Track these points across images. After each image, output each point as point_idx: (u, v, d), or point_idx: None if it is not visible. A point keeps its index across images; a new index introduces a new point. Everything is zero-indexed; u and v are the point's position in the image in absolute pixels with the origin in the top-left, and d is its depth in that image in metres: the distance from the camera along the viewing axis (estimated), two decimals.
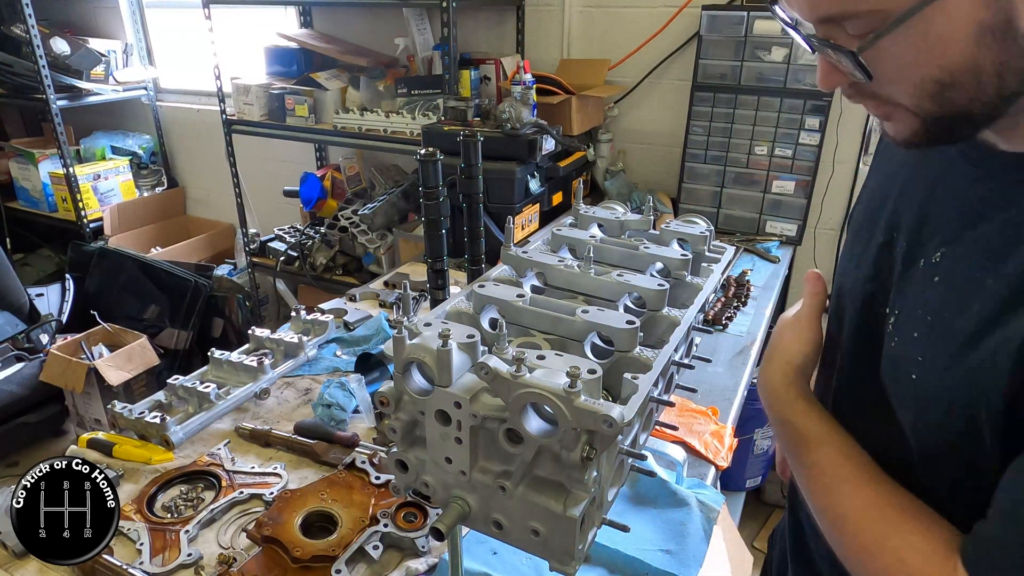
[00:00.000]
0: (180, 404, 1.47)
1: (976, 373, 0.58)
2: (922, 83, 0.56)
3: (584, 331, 0.79)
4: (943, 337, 0.62)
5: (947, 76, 0.55)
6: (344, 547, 1.07)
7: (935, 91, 0.56)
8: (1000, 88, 0.55)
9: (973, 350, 0.58)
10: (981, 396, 0.57)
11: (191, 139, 4.13)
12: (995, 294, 0.57)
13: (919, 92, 0.57)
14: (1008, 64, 0.53)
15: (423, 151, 1.09)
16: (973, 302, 0.59)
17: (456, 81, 2.63)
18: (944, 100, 0.56)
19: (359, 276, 3.01)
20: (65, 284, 3.44)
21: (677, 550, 1.10)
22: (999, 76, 0.54)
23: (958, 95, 0.55)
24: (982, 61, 0.53)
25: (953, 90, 0.55)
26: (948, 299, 0.62)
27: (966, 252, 0.62)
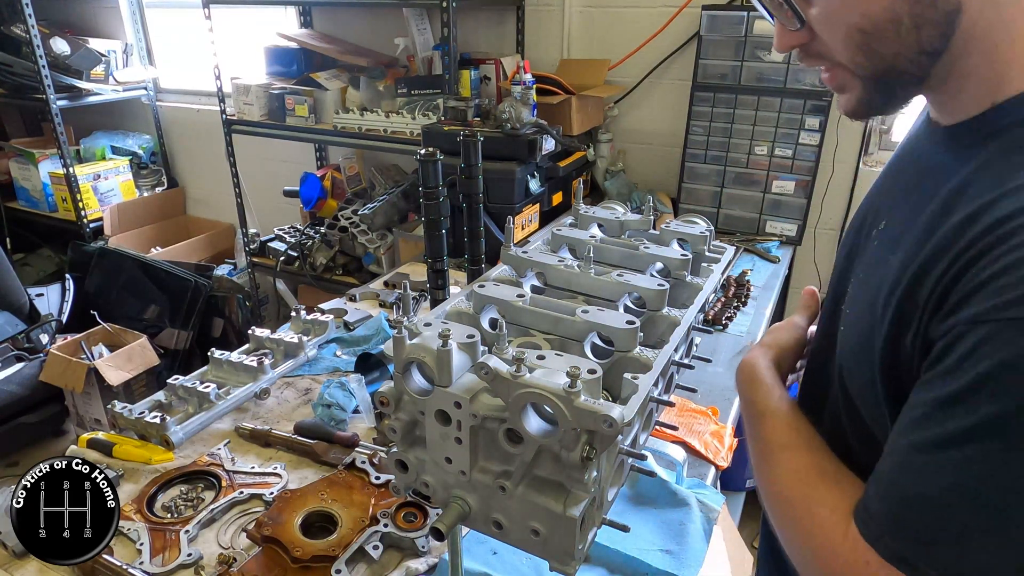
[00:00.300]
0: (180, 404, 1.47)
1: (872, 328, 0.64)
2: (849, 33, 0.61)
3: (584, 331, 0.79)
4: (863, 299, 0.68)
5: (869, 24, 0.60)
6: (344, 547, 1.07)
7: (862, 41, 0.61)
8: (920, 41, 0.59)
9: (878, 307, 0.64)
10: (874, 353, 0.63)
11: (191, 139, 4.13)
12: (904, 250, 0.62)
13: (848, 44, 0.62)
14: (923, 16, 0.58)
15: (423, 151, 1.09)
16: (890, 258, 0.64)
17: (456, 81, 2.63)
18: (871, 52, 0.61)
19: (359, 276, 3.01)
20: (65, 284, 3.44)
21: (677, 550, 1.10)
22: (917, 28, 0.58)
23: (883, 46, 0.60)
24: (899, 11, 0.58)
25: (877, 40, 0.60)
26: (876, 261, 0.68)
27: (899, 218, 0.68)
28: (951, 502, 0.52)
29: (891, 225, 0.70)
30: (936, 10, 0.58)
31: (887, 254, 0.66)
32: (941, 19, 0.58)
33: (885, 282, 0.64)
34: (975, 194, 0.57)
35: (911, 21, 0.58)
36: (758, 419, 0.77)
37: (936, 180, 0.64)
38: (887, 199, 0.75)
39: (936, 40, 0.59)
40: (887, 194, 0.76)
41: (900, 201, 0.71)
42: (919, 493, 0.54)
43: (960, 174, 0.61)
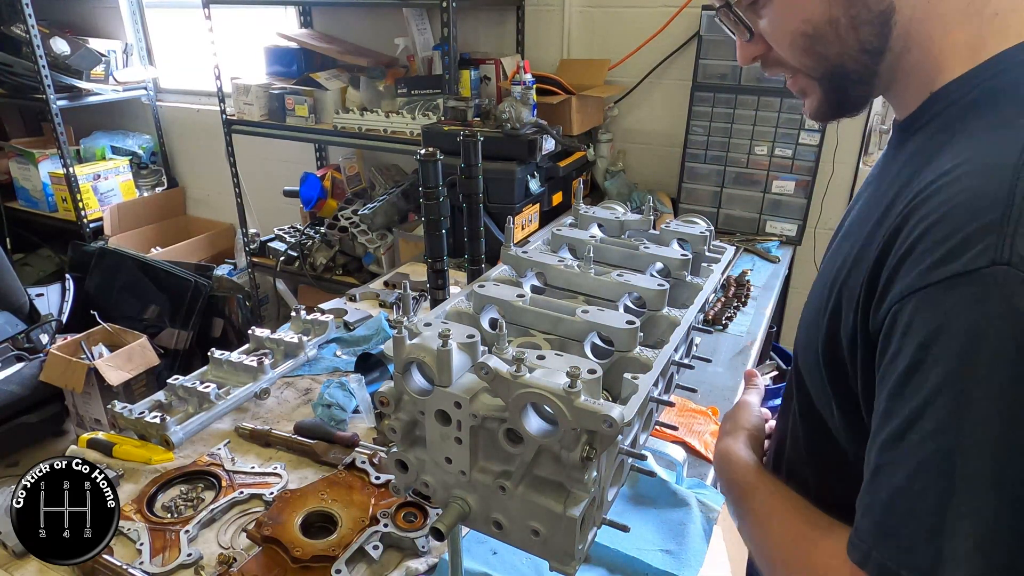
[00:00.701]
0: (180, 404, 1.47)
1: (818, 315, 0.66)
2: (793, 39, 0.65)
3: (584, 331, 0.79)
4: (814, 292, 0.70)
5: (811, 28, 0.63)
6: (344, 547, 1.07)
7: (806, 45, 0.64)
8: (859, 40, 0.62)
9: (823, 297, 0.66)
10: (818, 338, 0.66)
11: (191, 139, 4.13)
12: (850, 243, 0.64)
13: (795, 49, 0.66)
14: (859, 17, 0.61)
15: (423, 151, 1.09)
16: (837, 254, 0.67)
17: (456, 81, 2.62)
18: (817, 55, 0.65)
19: (359, 276, 3.01)
20: (65, 284, 3.44)
21: (677, 550, 1.10)
22: (854, 28, 0.62)
23: (826, 48, 0.64)
24: (836, 13, 0.62)
25: (820, 43, 0.64)
26: (829, 259, 0.71)
27: (853, 216, 0.71)
28: (922, 485, 0.50)
29: (847, 223, 0.73)
30: (869, 10, 0.61)
31: (837, 251, 0.68)
32: (875, 18, 0.61)
33: (830, 275, 0.66)
34: (904, 179, 0.60)
35: (848, 22, 0.62)
36: (743, 495, 0.77)
37: (883, 175, 0.68)
38: (854, 205, 0.77)
39: (875, 39, 0.62)
40: (855, 203, 0.78)
41: (860, 201, 0.73)
42: (892, 490, 0.52)
43: (899, 163, 0.65)
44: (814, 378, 0.68)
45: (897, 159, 0.66)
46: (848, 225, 0.72)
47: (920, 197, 0.54)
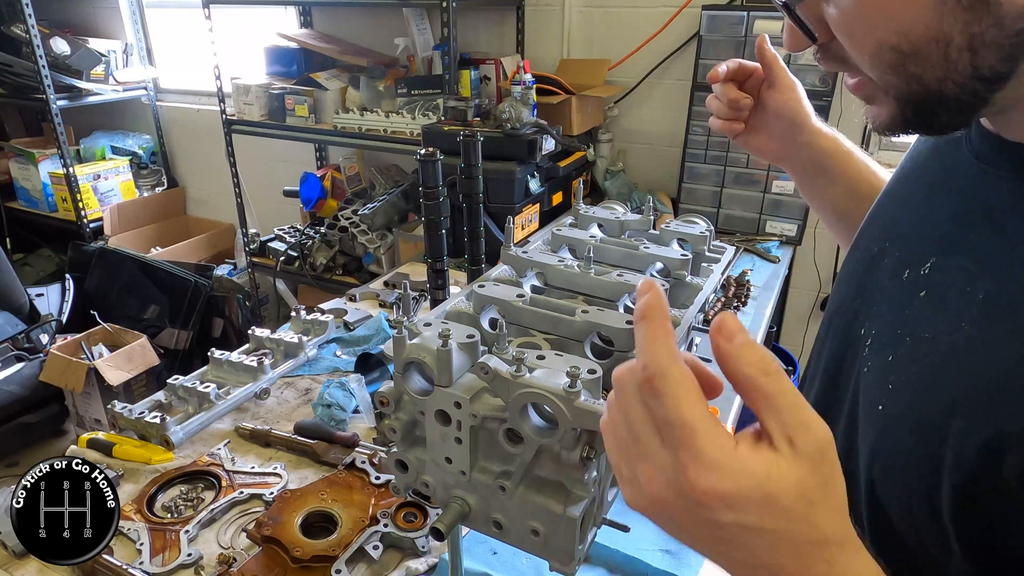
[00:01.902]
0: (180, 404, 1.47)
1: (942, 418, 0.48)
2: (879, 50, 0.49)
3: (584, 331, 0.79)
4: (918, 361, 0.52)
5: (906, 43, 0.47)
6: (344, 547, 1.07)
7: (895, 61, 0.49)
8: (975, 66, 0.46)
9: (959, 396, 0.48)
10: (943, 455, 0.47)
11: (191, 139, 4.13)
12: (984, 311, 0.48)
13: (878, 61, 0.50)
14: (981, 36, 0.45)
15: (423, 151, 1.09)
16: (962, 319, 0.50)
17: (456, 81, 2.62)
18: (908, 74, 0.49)
19: (359, 276, 3.01)
20: (65, 284, 3.44)
21: (677, 550, 1.10)
22: (972, 51, 0.46)
23: (924, 70, 0.48)
24: (948, 30, 0.45)
25: (916, 63, 0.48)
26: (932, 316, 0.53)
27: (959, 262, 0.53)
28: None
29: (950, 272, 0.54)
30: (1002, 30, 0.44)
31: (963, 323, 0.50)
32: (1007, 40, 0.44)
33: (978, 373, 0.47)
34: None
35: (964, 42, 0.45)
36: None
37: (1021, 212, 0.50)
38: (916, 219, 0.61)
39: (999, 64, 0.46)
40: (920, 210, 0.61)
41: (954, 232, 0.55)
42: None
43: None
44: (913, 509, 0.51)
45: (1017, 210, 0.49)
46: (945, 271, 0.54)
47: None
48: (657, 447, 0.39)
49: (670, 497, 0.39)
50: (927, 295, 0.54)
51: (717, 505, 0.37)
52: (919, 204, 0.62)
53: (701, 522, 0.39)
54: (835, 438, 0.53)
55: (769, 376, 0.38)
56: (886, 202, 0.70)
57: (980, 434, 0.45)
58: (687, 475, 0.38)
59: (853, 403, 0.61)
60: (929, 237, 0.58)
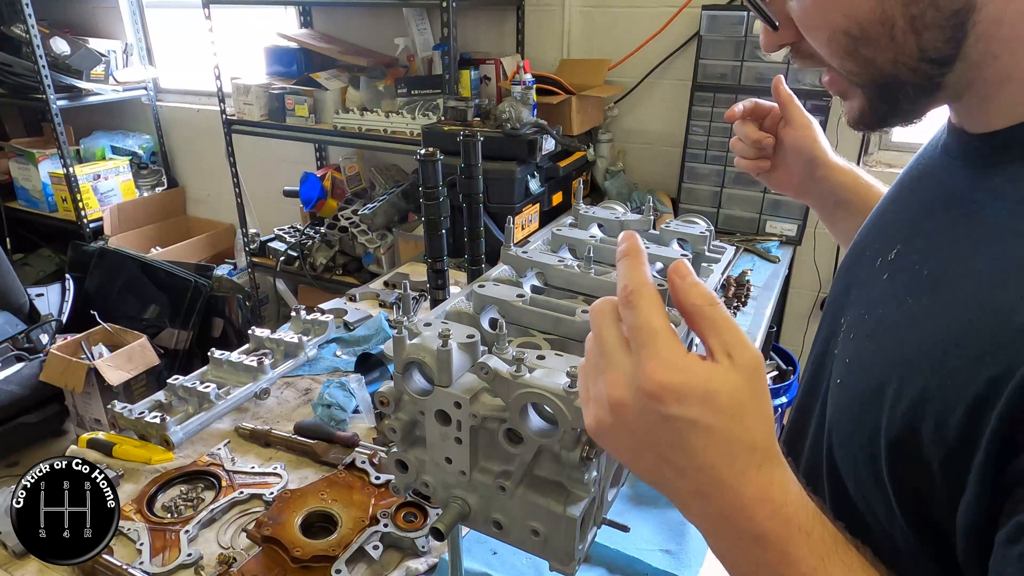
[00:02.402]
0: (180, 404, 1.47)
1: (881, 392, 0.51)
2: (833, 35, 0.52)
3: (584, 331, 0.79)
4: (869, 336, 0.56)
5: (855, 27, 0.50)
6: (344, 547, 1.07)
7: (848, 47, 0.52)
8: (921, 48, 0.49)
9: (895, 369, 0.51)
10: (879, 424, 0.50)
11: (191, 139, 4.13)
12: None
13: (834, 48, 0.53)
14: (922, 18, 0.48)
15: (423, 151, 1.09)
16: (908, 295, 0.53)
17: (456, 81, 2.63)
18: (863, 59, 0.52)
19: (359, 276, 3.01)
20: (65, 284, 3.44)
21: (677, 550, 1.10)
22: (915, 32, 0.49)
23: (875, 53, 0.51)
24: (891, 12, 0.48)
25: (867, 46, 0.51)
26: (888, 295, 0.56)
27: (918, 245, 0.57)
28: None
29: (908, 255, 0.57)
30: (938, 10, 0.47)
31: (908, 297, 0.53)
32: (945, 20, 0.48)
33: (909, 341, 0.50)
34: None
35: (906, 24, 0.49)
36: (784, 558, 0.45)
37: (975, 207, 0.52)
38: (899, 220, 0.63)
39: (942, 45, 0.49)
40: (902, 204, 0.65)
41: (919, 219, 0.59)
42: None
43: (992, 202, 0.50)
44: (860, 474, 0.54)
45: (983, 190, 0.52)
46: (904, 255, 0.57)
47: None
48: (622, 355, 0.46)
49: (628, 397, 0.45)
50: (888, 277, 0.58)
51: (667, 397, 0.43)
52: (899, 200, 0.67)
53: (652, 421, 0.44)
54: (811, 425, 0.64)
55: (713, 307, 0.45)
56: (880, 205, 0.74)
57: (907, 396, 0.48)
58: (645, 370, 0.44)
59: (827, 388, 0.65)
60: (900, 227, 0.62)
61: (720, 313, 0.45)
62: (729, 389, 0.44)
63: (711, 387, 0.43)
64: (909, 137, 2.50)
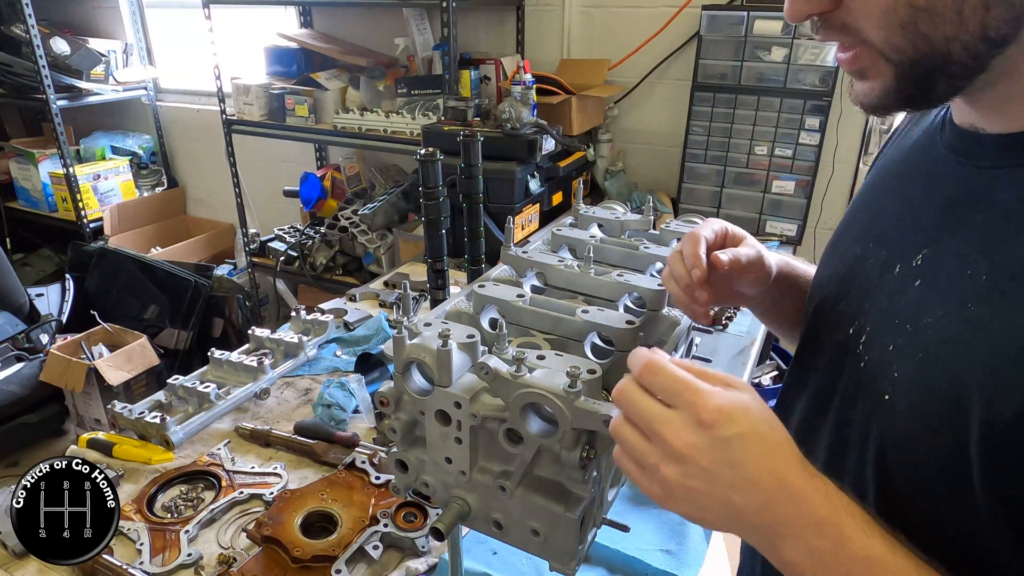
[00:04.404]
0: (180, 404, 1.47)
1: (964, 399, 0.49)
2: (894, 8, 0.48)
3: (584, 331, 0.79)
4: (925, 345, 0.53)
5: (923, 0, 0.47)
6: (344, 547, 1.07)
7: (908, 18, 0.48)
8: (984, 25, 0.46)
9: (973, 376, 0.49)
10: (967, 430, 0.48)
11: (191, 139, 4.13)
12: (988, 289, 0.50)
13: (889, 21, 0.49)
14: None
15: (423, 151, 1.09)
16: (967, 300, 0.51)
17: (456, 81, 2.63)
18: (917, 35, 0.48)
19: (359, 276, 3.01)
20: (65, 284, 3.44)
21: (677, 550, 1.10)
22: (985, 7, 0.46)
23: (934, 27, 0.47)
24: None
25: (928, 20, 0.47)
26: (931, 301, 0.54)
27: (952, 249, 0.54)
28: None
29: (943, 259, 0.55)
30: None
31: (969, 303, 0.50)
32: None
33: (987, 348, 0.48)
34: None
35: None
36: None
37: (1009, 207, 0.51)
38: (900, 219, 0.61)
39: (1005, 25, 0.46)
40: (903, 210, 0.62)
41: (941, 225, 0.56)
42: None
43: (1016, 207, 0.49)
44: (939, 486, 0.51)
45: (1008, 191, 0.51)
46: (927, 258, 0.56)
47: None
48: (669, 412, 0.52)
49: (692, 436, 0.50)
50: (923, 283, 0.56)
51: (722, 420, 0.50)
52: (899, 205, 0.63)
53: (717, 450, 0.50)
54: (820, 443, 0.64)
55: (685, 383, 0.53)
56: (861, 207, 0.70)
57: (1011, 403, 0.46)
58: (697, 406, 0.50)
59: (846, 401, 0.62)
60: (916, 231, 0.59)
61: (691, 380, 0.52)
62: (751, 400, 0.52)
63: (742, 401, 0.51)
64: None
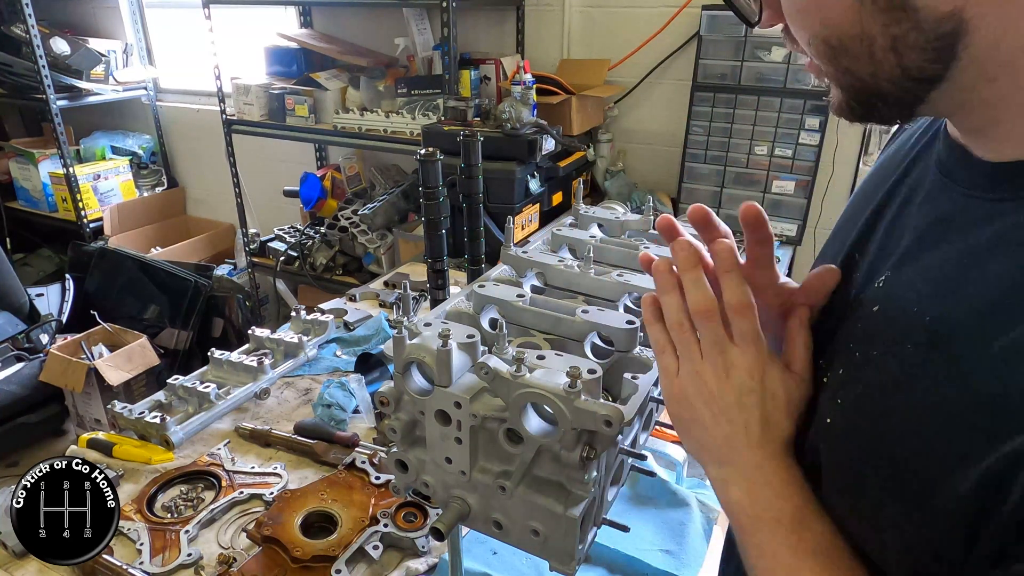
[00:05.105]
0: (180, 404, 1.47)
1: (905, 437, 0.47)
2: (814, 40, 0.49)
3: (584, 331, 0.79)
4: (864, 381, 0.51)
5: (834, 38, 0.47)
6: (344, 547, 1.07)
7: (827, 53, 0.49)
8: (903, 66, 0.46)
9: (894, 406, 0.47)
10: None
11: (191, 139, 4.13)
12: (931, 336, 0.46)
13: (813, 51, 0.50)
14: (903, 39, 0.44)
15: (423, 151, 1.09)
16: (908, 341, 0.48)
17: (456, 81, 2.63)
18: (841, 67, 0.49)
19: (359, 276, 3.01)
20: (65, 284, 3.44)
21: (677, 550, 1.10)
22: (895, 51, 0.45)
23: (854, 64, 0.48)
24: (870, 30, 0.45)
25: (846, 57, 0.48)
26: (881, 333, 0.51)
27: (912, 276, 0.51)
28: None
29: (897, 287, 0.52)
30: (922, 32, 0.44)
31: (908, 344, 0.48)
32: (929, 44, 0.44)
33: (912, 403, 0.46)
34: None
35: (887, 43, 0.45)
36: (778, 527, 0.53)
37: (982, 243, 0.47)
38: (887, 226, 0.59)
39: (927, 66, 0.45)
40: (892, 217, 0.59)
41: (912, 247, 0.53)
42: None
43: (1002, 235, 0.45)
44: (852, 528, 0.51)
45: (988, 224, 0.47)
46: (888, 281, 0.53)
47: None
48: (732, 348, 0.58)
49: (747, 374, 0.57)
50: (879, 310, 0.53)
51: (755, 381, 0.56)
52: (894, 211, 0.59)
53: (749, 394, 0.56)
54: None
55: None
56: (857, 205, 0.66)
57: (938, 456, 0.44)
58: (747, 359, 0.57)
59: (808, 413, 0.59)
60: (889, 249, 0.56)
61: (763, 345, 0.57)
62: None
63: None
64: None
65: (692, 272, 0.59)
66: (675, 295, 0.60)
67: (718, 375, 0.57)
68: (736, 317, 0.56)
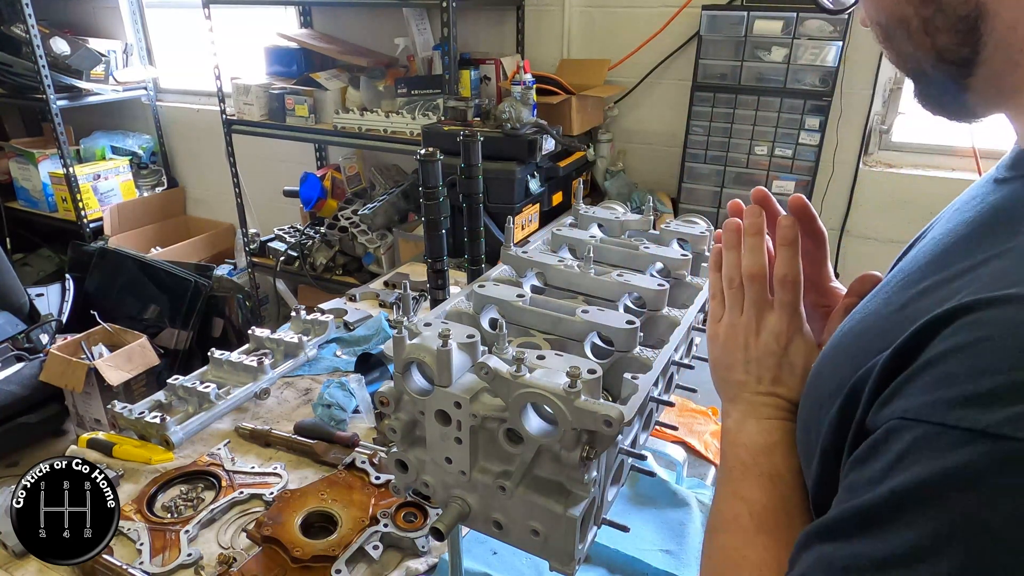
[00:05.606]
0: (180, 404, 1.47)
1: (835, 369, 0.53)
2: (874, 24, 0.54)
3: (584, 331, 0.79)
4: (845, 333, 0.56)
5: (884, 20, 0.52)
6: (344, 547, 1.07)
7: (882, 35, 0.54)
8: (936, 47, 0.49)
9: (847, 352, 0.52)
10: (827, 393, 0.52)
11: (191, 139, 4.13)
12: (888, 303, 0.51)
13: (875, 35, 0.55)
14: (932, 22, 0.48)
15: (423, 151, 1.09)
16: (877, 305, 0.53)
17: (456, 81, 2.63)
18: (893, 49, 0.54)
19: (359, 276, 3.01)
20: (65, 284, 3.44)
21: (677, 550, 1.10)
22: (928, 34, 0.49)
23: (902, 47, 0.52)
24: (906, 13, 0.50)
25: (893, 39, 0.53)
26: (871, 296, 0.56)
27: (915, 254, 0.55)
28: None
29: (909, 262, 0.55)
30: (946, 15, 0.47)
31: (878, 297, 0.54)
32: (952, 25, 0.47)
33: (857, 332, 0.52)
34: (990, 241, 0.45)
35: (919, 24, 0.49)
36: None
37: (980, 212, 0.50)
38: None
39: (957, 48, 0.48)
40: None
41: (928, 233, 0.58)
42: None
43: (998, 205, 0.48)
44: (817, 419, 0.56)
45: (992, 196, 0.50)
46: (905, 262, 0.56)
47: (983, 296, 0.39)
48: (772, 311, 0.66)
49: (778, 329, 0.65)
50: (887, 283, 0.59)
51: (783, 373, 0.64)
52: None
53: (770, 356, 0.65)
54: None
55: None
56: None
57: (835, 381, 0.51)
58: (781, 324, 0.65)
59: None
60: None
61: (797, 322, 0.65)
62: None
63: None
64: (910, 137, 2.49)
65: (754, 238, 0.66)
66: (735, 253, 0.68)
67: (749, 332, 0.66)
68: (780, 287, 0.65)
